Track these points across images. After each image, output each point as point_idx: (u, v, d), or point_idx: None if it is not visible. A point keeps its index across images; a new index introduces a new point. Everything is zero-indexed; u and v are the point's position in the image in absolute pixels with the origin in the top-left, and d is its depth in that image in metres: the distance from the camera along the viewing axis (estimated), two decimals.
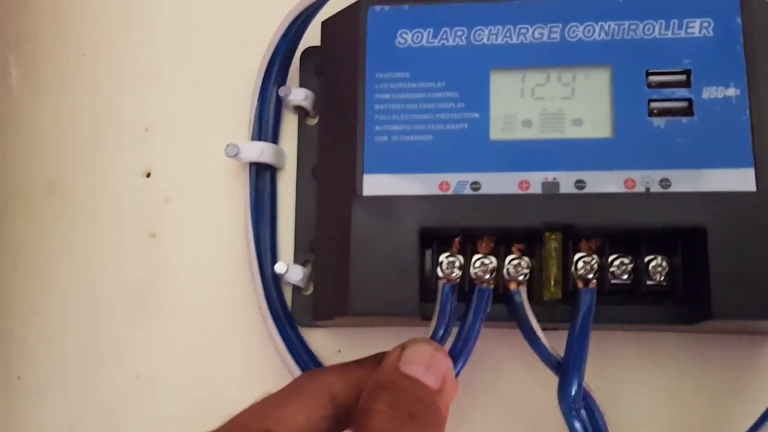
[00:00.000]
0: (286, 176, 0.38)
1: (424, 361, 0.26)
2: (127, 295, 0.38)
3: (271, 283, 0.35)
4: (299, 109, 0.38)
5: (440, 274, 0.31)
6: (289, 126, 0.38)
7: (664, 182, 0.30)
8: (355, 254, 0.30)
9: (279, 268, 0.35)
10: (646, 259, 0.30)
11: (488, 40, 0.32)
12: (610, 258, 0.31)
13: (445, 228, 0.30)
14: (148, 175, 0.39)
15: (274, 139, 0.38)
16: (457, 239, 0.31)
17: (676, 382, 0.34)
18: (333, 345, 0.36)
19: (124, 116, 0.40)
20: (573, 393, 0.29)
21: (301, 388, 0.27)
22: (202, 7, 0.41)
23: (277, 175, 0.38)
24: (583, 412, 0.29)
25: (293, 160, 0.38)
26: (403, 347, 0.27)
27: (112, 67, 0.41)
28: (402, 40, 0.33)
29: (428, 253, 0.32)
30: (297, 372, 0.34)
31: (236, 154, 0.36)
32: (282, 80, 0.37)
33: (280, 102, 0.38)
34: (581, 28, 0.32)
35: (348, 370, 0.28)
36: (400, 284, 0.30)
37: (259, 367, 0.36)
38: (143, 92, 0.40)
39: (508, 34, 0.32)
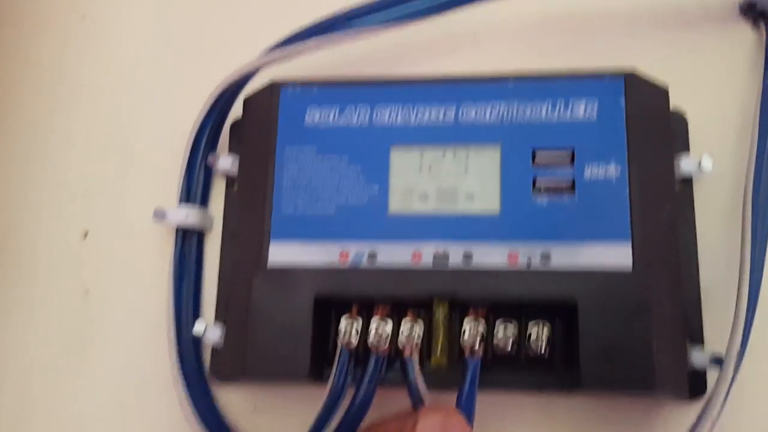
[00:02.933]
0: (215, 239, 0.40)
1: None
2: (61, 351, 0.40)
3: (190, 343, 0.37)
4: (227, 176, 0.40)
5: (339, 338, 0.33)
6: (219, 192, 0.41)
7: (545, 256, 0.32)
8: (253, 321, 0.32)
9: (197, 328, 0.37)
10: (529, 328, 0.32)
11: (389, 119, 0.35)
12: (496, 325, 0.32)
13: (339, 296, 0.32)
14: (86, 234, 0.41)
15: (203, 204, 0.40)
16: (354, 306, 0.33)
17: None
18: (249, 402, 0.38)
19: (63, 180, 0.42)
20: None
21: None
22: (141, 78, 0.43)
23: (206, 238, 0.40)
24: None
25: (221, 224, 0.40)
26: (414, 421, 0.29)
27: (56, 131, 0.43)
28: (311, 118, 0.35)
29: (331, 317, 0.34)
30: None
31: (163, 218, 0.38)
32: (212, 148, 0.40)
33: (209, 170, 0.40)
34: (474, 109, 0.34)
35: None
36: (294, 350, 0.32)
37: (168, 428, 0.37)
38: (83, 155, 0.42)
39: (407, 115, 0.35)
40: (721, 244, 0.36)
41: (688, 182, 0.36)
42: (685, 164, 0.35)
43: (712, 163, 0.35)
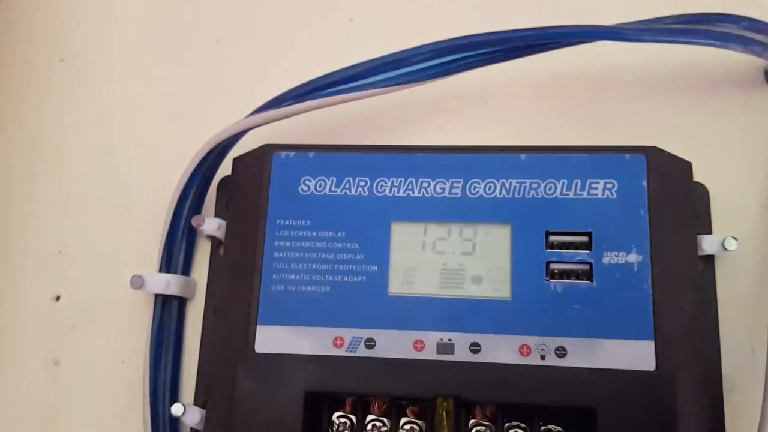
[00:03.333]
0: (197, 307, 0.37)
1: None
2: (30, 424, 0.37)
3: (167, 424, 0.34)
4: (213, 239, 0.37)
5: None
6: (204, 255, 0.38)
7: (560, 351, 0.29)
8: (237, 412, 0.29)
9: (175, 410, 0.34)
10: (542, 431, 0.29)
11: (390, 191, 0.32)
12: (505, 427, 0.30)
13: (332, 390, 0.29)
14: (58, 298, 0.38)
15: (185, 270, 0.37)
16: (348, 399, 0.30)
17: None
18: None
19: (36, 238, 0.39)
20: None
21: None
22: (120, 132, 0.41)
23: (188, 306, 0.37)
24: None
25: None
26: None
27: (28, 188, 0.40)
28: (305, 188, 0.32)
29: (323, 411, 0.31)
30: None
31: (141, 286, 0.35)
32: (197, 209, 0.37)
33: (194, 231, 0.37)
34: (483, 184, 0.31)
35: None
36: None
37: None
38: (56, 214, 0.39)
39: (410, 187, 0.32)
40: (744, 327, 0.34)
41: (709, 259, 0.34)
42: (708, 244, 0.33)
43: (736, 243, 0.33)
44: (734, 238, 0.33)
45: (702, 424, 0.29)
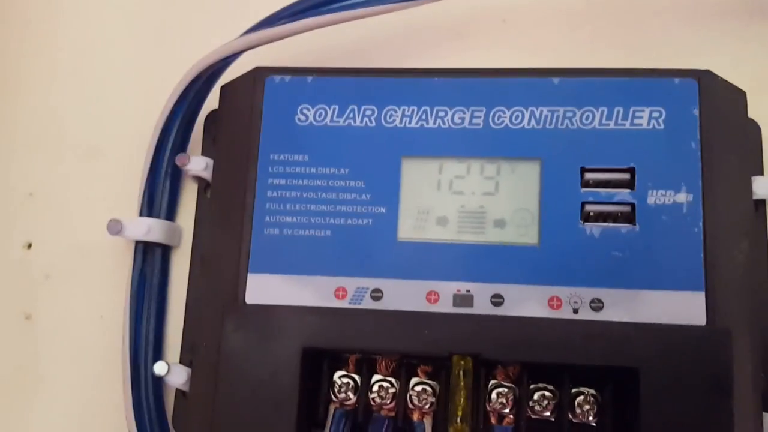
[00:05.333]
0: (183, 257, 0.33)
1: None
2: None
3: (150, 385, 0.31)
4: (200, 180, 0.33)
5: (333, 397, 0.27)
6: (191, 198, 0.34)
7: (596, 303, 0.25)
8: (224, 372, 0.26)
9: (158, 368, 0.30)
10: (573, 393, 0.26)
11: (401, 122, 0.28)
12: (531, 389, 0.26)
13: (333, 346, 0.26)
14: (29, 246, 0.35)
15: (169, 214, 0.33)
16: (352, 357, 0.27)
17: None
18: None
19: (4, 179, 0.35)
20: None
21: None
22: (94, 60, 0.36)
23: (172, 255, 0.33)
24: None
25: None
26: None
27: None
28: (303, 117, 0.28)
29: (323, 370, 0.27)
30: None
31: (119, 232, 0.32)
32: (182, 146, 0.33)
33: (178, 171, 0.33)
34: (508, 113, 0.27)
35: None
36: (277, 411, 0.25)
37: None
38: (28, 153, 0.35)
39: (423, 117, 0.28)
40: None
41: (759, 204, 0.30)
42: (762, 186, 0.29)
43: None
44: None
45: (757, 386, 0.25)
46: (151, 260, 0.33)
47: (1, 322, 0.34)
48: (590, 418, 0.26)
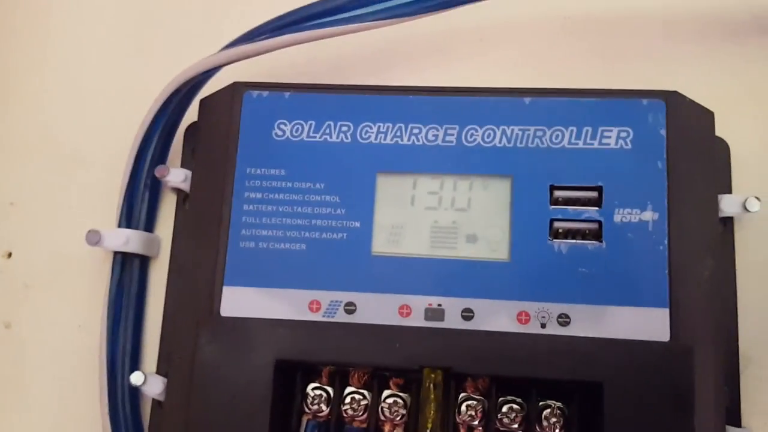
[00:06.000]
0: (161, 267, 0.34)
1: None
2: None
3: (125, 395, 0.31)
4: (179, 192, 0.34)
5: (306, 409, 0.27)
6: (170, 209, 0.34)
7: (563, 318, 0.26)
8: (199, 383, 0.26)
9: (135, 379, 0.30)
10: (540, 406, 0.26)
11: (376, 138, 0.28)
12: (499, 402, 0.26)
13: (306, 359, 0.26)
14: (9, 255, 0.35)
15: (148, 225, 0.33)
16: (325, 369, 0.27)
17: None
18: None
19: None
20: None
21: None
22: (77, 71, 0.37)
23: (150, 265, 0.34)
24: None
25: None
26: None
27: None
28: (280, 132, 0.29)
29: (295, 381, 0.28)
30: None
31: (98, 242, 0.32)
32: (162, 158, 0.33)
33: (158, 183, 0.33)
34: (480, 131, 0.28)
35: None
36: (249, 422, 0.26)
37: None
38: (9, 163, 0.36)
39: (398, 133, 0.28)
40: (764, 296, 0.31)
41: (727, 222, 0.31)
42: (728, 204, 0.30)
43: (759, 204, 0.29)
44: (757, 198, 0.30)
45: (719, 401, 0.26)
46: (129, 271, 0.33)
47: None
48: (557, 431, 0.26)
